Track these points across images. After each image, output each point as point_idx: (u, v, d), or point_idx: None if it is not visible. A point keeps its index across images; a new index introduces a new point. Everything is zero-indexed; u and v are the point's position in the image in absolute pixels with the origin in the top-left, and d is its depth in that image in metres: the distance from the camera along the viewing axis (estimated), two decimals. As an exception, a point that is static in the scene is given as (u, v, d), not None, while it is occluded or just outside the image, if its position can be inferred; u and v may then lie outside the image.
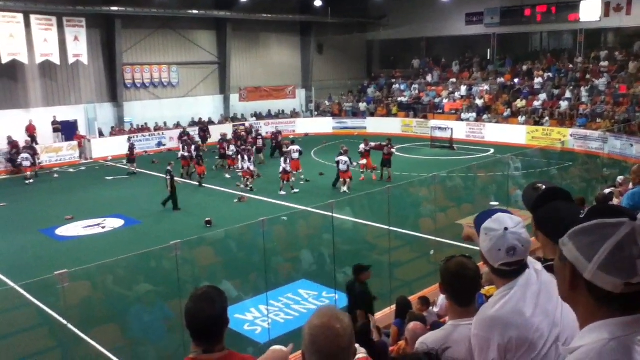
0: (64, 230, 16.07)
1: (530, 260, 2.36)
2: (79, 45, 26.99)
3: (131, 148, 24.61)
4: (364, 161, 21.23)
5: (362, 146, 21.51)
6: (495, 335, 2.22)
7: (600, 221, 1.31)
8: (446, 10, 35.08)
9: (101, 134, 28.61)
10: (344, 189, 19.21)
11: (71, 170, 25.49)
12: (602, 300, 1.31)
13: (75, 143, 27.35)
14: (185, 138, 25.87)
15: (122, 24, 28.72)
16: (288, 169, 19.59)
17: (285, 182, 19.52)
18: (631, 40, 30.44)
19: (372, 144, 22.11)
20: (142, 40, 30.40)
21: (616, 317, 1.31)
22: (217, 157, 24.66)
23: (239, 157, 21.97)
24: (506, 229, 2.26)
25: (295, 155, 21.07)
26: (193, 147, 23.29)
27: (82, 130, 28.34)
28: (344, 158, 19.56)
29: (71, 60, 26.88)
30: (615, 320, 1.30)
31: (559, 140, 26.47)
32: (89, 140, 27.76)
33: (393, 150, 21.65)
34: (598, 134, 25.25)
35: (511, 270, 2.29)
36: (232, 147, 23.74)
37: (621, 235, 1.27)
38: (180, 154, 23.55)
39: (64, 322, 8.51)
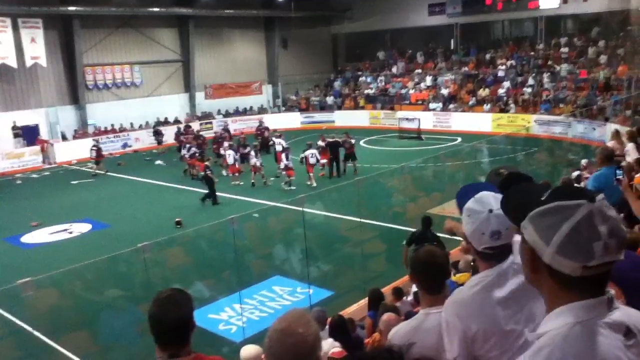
0: (30, 238, 15.65)
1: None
2: (37, 47, 26.25)
3: (98, 150, 24.26)
4: (324, 160, 20.82)
5: (320, 142, 21.15)
6: (459, 320, 2.16)
7: (558, 203, 1.29)
8: (409, 2, 35.30)
9: (64, 138, 27.94)
10: (312, 183, 19.14)
11: (35, 175, 24.84)
12: (563, 283, 1.30)
13: (37, 148, 26.65)
14: (183, 138, 25.46)
15: (80, 24, 28.05)
16: (290, 164, 19.10)
17: (291, 177, 19.02)
18: (589, 26, 31.13)
19: (328, 139, 21.54)
20: (102, 40, 29.73)
21: (579, 300, 1.29)
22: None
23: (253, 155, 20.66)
24: (490, 211, 2.12)
25: (279, 148, 20.89)
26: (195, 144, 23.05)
27: (44, 134, 27.62)
28: (313, 151, 19.54)
29: (29, 62, 26.14)
30: (579, 303, 1.29)
31: (524, 126, 26.94)
32: (52, 145, 27.08)
33: (353, 141, 21.31)
34: (561, 118, 25.79)
35: (494, 254, 2.16)
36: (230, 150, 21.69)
37: (578, 218, 1.25)
38: (184, 152, 22.80)
39: (35, 332, 8.32)
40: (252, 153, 20.41)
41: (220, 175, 20.59)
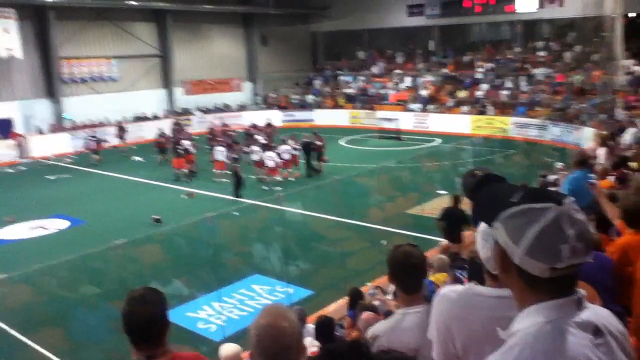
0: (4, 233, 15.36)
1: None
2: (11, 38, 25.62)
3: (97, 141, 25.19)
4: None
5: (290, 141, 20.95)
6: (446, 312, 2.08)
7: (528, 206, 1.33)
8: (388, 2, 35.44)
9: (40, 132, 27.45)
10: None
11: (9, 170, 24.35)
12: (532, 284, 1.33)
13: (11, 141, 26.13)
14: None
15: (55, 15, 27.57)
16: (272, 164, 18.73)
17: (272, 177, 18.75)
18: (565, 30, 31.66)
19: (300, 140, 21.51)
20: (78, 32, 29.24)
21: (549, 300, 1.33)
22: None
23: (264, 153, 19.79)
24: None
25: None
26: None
27: (19, 128, 27.08)
28: (287, 147, 19.56)
29: (3, 54, 25.59)
30: (549, 303, 1.33)
31: (501, 128, 27.29)
32: (25, 138, 26.58)
33: (320, 143, 21.08)
34: (537, 121, 26.19)
35: None
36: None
37: (546, 221, 1.29)
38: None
39: (7, 328, 8.21)
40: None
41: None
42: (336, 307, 8.96)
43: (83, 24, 29.38)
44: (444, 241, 9.81)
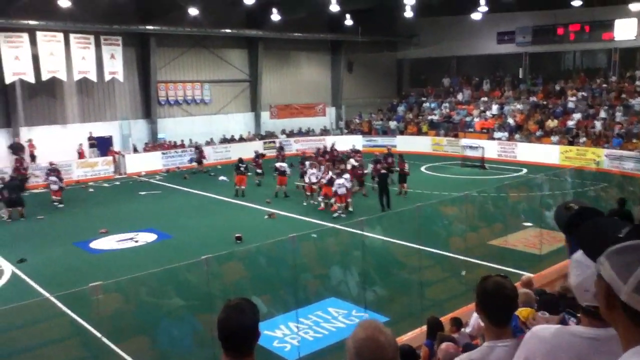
0: (98, 244, 16.35)
1: None
2: (115, 62, 27.74)
3: (200, 152, 28.00)
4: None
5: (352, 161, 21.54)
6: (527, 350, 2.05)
7: (637, 242, 1.29)
8: (477, 29, 34.95)
9: (135, 150, 29.20)
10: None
11: (106, 185, 26.03)
12: (639, 322, 1.29)
13: (110, 158, 27.97)
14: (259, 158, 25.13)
15: (156, 42, 29.44)
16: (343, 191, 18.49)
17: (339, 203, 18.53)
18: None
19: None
20: (175, 58, 31.08)
21: None
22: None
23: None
24: None
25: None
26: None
27: (116, 146, 28.98)
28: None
29: (107, 77, 27.62)
30: None
31: (594, 160, 25.97)
32: (123, 156, 28.36)
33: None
34: (634, 154, 24.70)
35: (597, 314, 1.77)
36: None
37: None
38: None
39: (98, 334, 8.66)
40: (313, 171, 20.28)
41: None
42: (412, 336, 8.80)
43: (181, 50, 31.20)
44: (526, 275, 9.42)
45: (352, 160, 22.74)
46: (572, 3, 28.76)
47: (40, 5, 24.01)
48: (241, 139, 32.80)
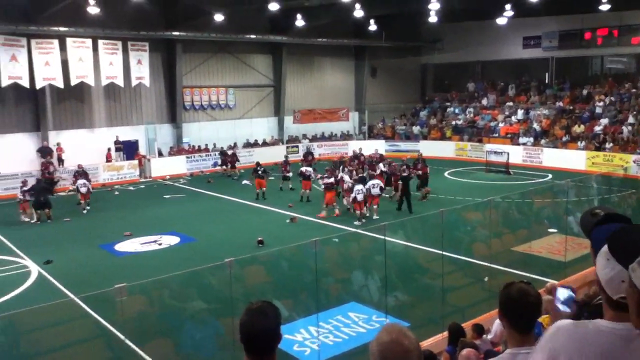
0: (122, 246, 16.60)
1: None
2: (142, 68, 28.18)
3: (232, 155, 28.10)
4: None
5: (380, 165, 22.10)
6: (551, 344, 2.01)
7: None
8: (502, 34, 34.63)
9: (160, 154, 29.58)
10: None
11: (131, 188, 26.41)
12: None
13: (135, 162, 28.39)
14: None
15: (182, 48, 29.81)
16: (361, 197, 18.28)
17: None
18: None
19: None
20: (201, 63, 31.43)
21: None
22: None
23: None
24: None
25: (376, 191, 18.78)
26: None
27: (142, 149, 29.39)
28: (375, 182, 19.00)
29: (134, 82, 28.06)
30: None
31: (621, 166, 25.47)
32: (149, 160, 28.74)
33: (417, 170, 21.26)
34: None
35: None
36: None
37: None
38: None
39: (122, 336, 8.77)
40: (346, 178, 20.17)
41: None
42: (433, 342, 8.73)
43: (206, 55, 31.54)
44: (550, 282, 9.26)
45: (380, 165, 22.73)
46: (600, 7, 28.31)
47: (70, 13, 24.52)
48: (264, 144, 33.03)
